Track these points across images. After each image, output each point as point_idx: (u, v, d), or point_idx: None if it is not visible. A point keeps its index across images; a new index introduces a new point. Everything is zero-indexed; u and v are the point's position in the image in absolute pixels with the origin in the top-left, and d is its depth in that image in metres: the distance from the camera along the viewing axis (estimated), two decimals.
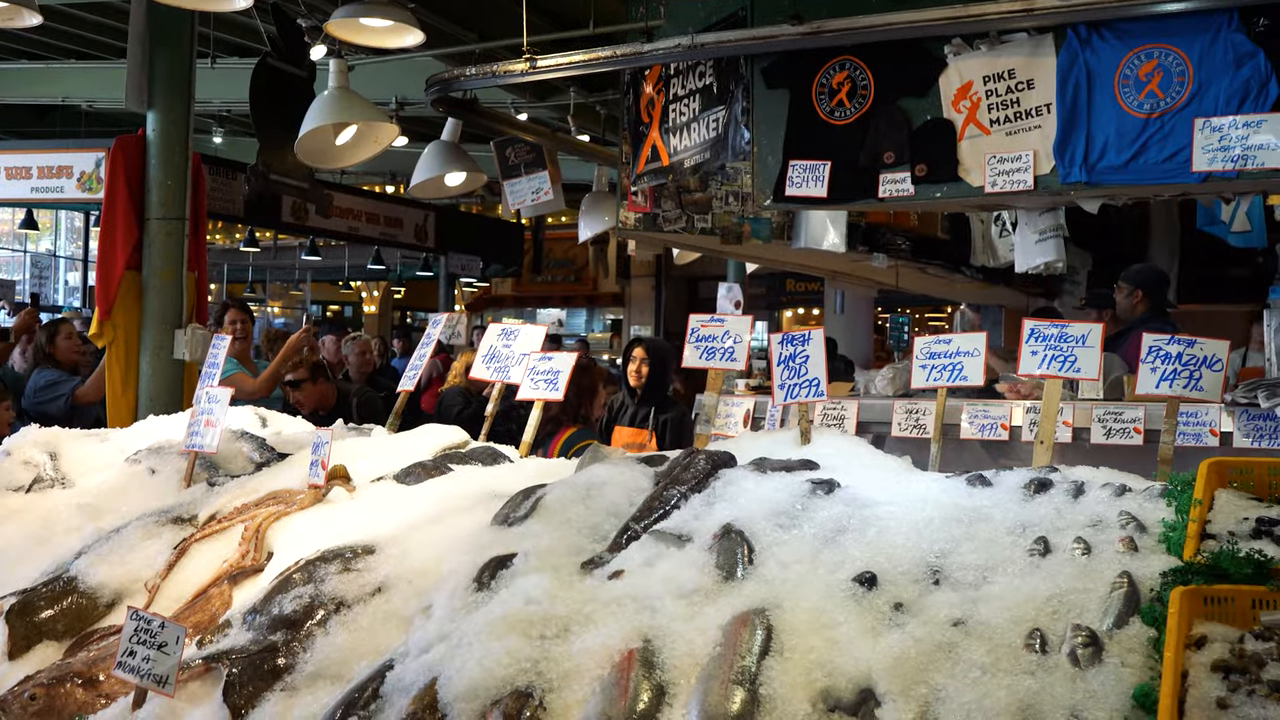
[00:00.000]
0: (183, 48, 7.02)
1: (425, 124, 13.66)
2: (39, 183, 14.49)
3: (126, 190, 6.84)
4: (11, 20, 6.12)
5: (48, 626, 3.39)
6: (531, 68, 6.45)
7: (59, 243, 24.10)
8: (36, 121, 16.81)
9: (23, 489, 4.47)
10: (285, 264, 24.80)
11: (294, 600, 2.87)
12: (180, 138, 6.94)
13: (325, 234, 18.27)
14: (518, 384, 4.32)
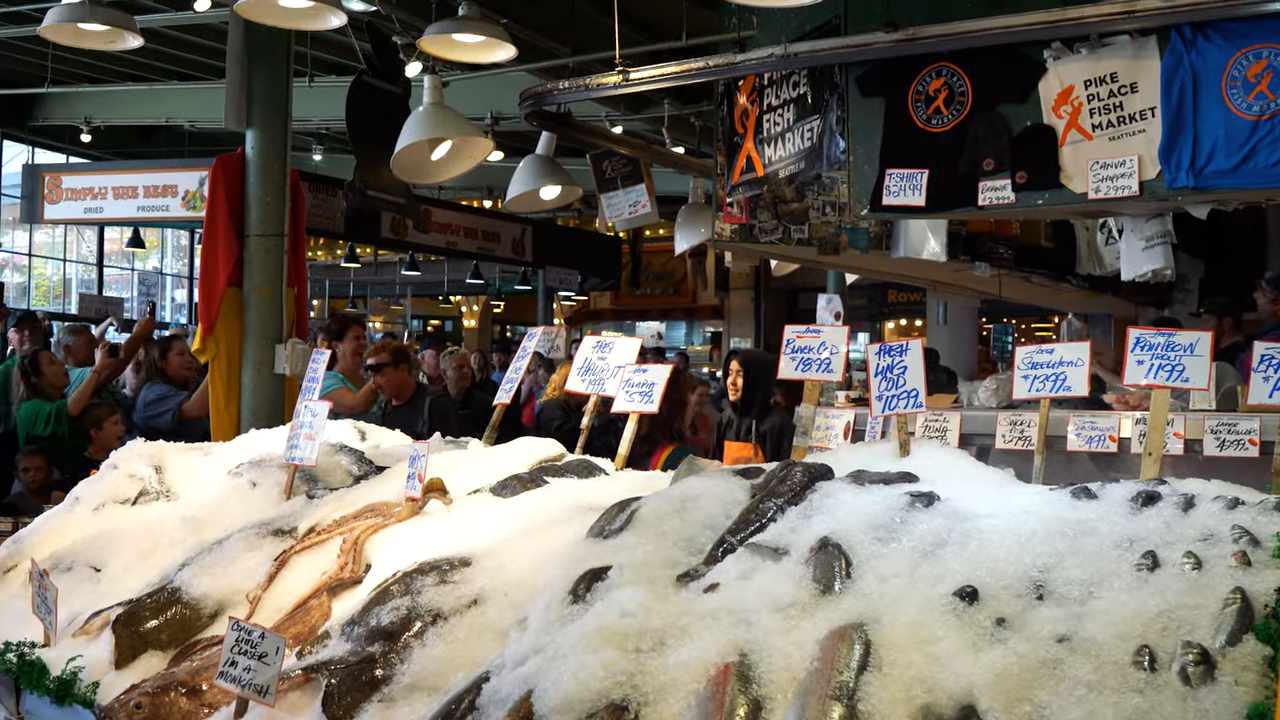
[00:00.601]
0: (280, 67, 7.18)
1: (520, 138, 13.80)
2: (145, 202, 14.91)
3: (227, 208, 7.00)
4: (114, 43, 6.32)
5: (153, 636, 3.46)
6: (624, 80, 6.48)
7: (165, 260, 24.73)
8: (142, 142, 17.29)
9: (129, 501, 4.59)
10: (386, 279, 25.17)
11: (391, 612, 2.90)
12: (278, 155, 7.08)
13: (424, 249, 18.52)
14: (613, 396, 4.34)
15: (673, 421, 6.30)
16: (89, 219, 16.10)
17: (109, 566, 4.08)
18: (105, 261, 20.94)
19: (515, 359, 4.90)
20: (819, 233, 6.57)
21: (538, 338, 5.00)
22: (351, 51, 10.64)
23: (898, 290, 20.64)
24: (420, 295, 26.86)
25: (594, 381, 4.46)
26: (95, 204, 15.33)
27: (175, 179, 14.83)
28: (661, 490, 3.19)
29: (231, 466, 4.63)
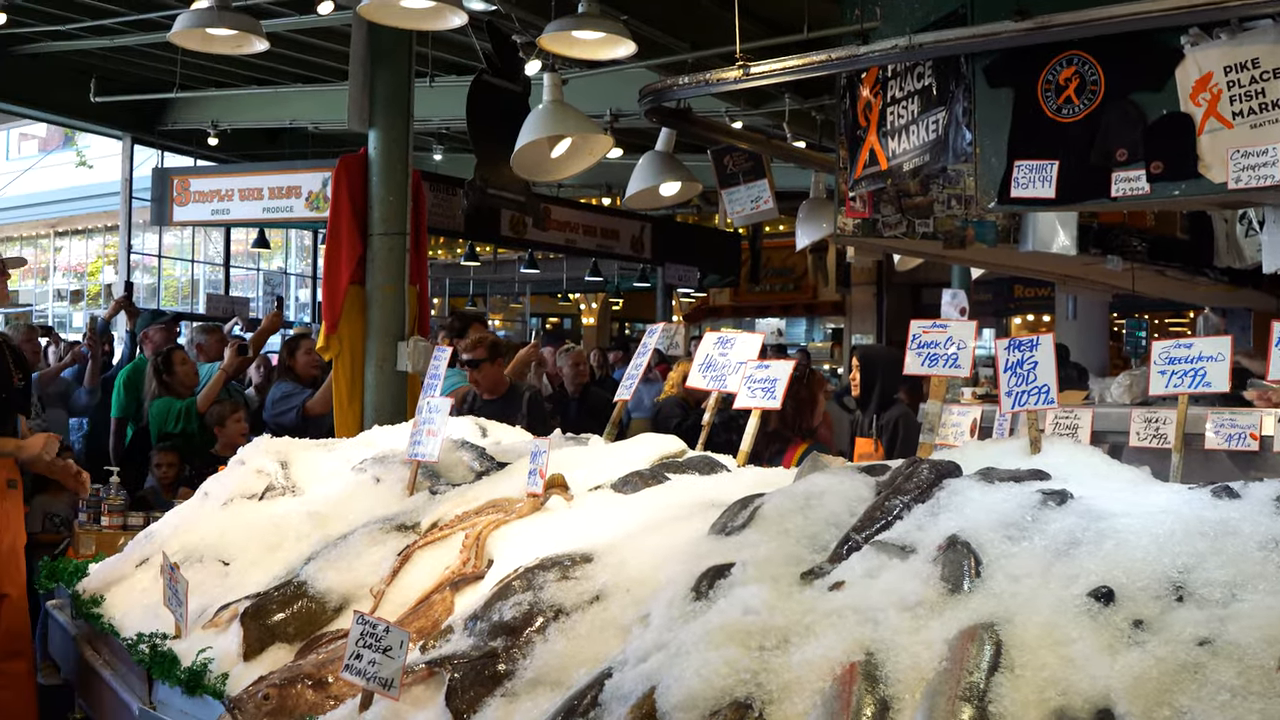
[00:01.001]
0: (402, 68, 7.29)
1: (639, 135, 13.83)
2: (270, 203, 15.25)
3: (350, 207, 7.13)
4: (240, 47, 6.48)
5: (279, 629, 3.55)
6: (745, 74, 6.45)
7: (289, 260, 25.27)
8: (267, 144, 17.66)
9: (256, 496, 4.71)
10: (505, 277, 25.41)
11: (514, 607, 2.93)
12: (400, 155, 7.19)
13: (543, 247, 18.66)
14: (734, 393, 4.32)
15: (802, 419, 6.24)
16: (216, 220, 16.52)
17: (237, 560, 4.19)
18: (231, 262, 21.45)
19: (636, 355, 4.91)
20: (944, 226, 6.47)
21: (658, 334, 5.01)
22: (471, 51, 10.77)
23: (1024, 285, 20.26)
24: (539, 293, 27.09)
25: (715, 378, 4.45)
26: (222, 206, 15.72)
27: (299, 180, 15.14)
28: (785, 487, 3.17)
29: (355, 462, 4.72)
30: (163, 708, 3.66)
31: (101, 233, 25.95)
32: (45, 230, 27.13)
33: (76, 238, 27.01)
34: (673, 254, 19.87)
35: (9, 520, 5.69)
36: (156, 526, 5.05)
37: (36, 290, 27.89)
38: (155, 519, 5.64)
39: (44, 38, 13.35)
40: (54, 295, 27.48)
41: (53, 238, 27.25)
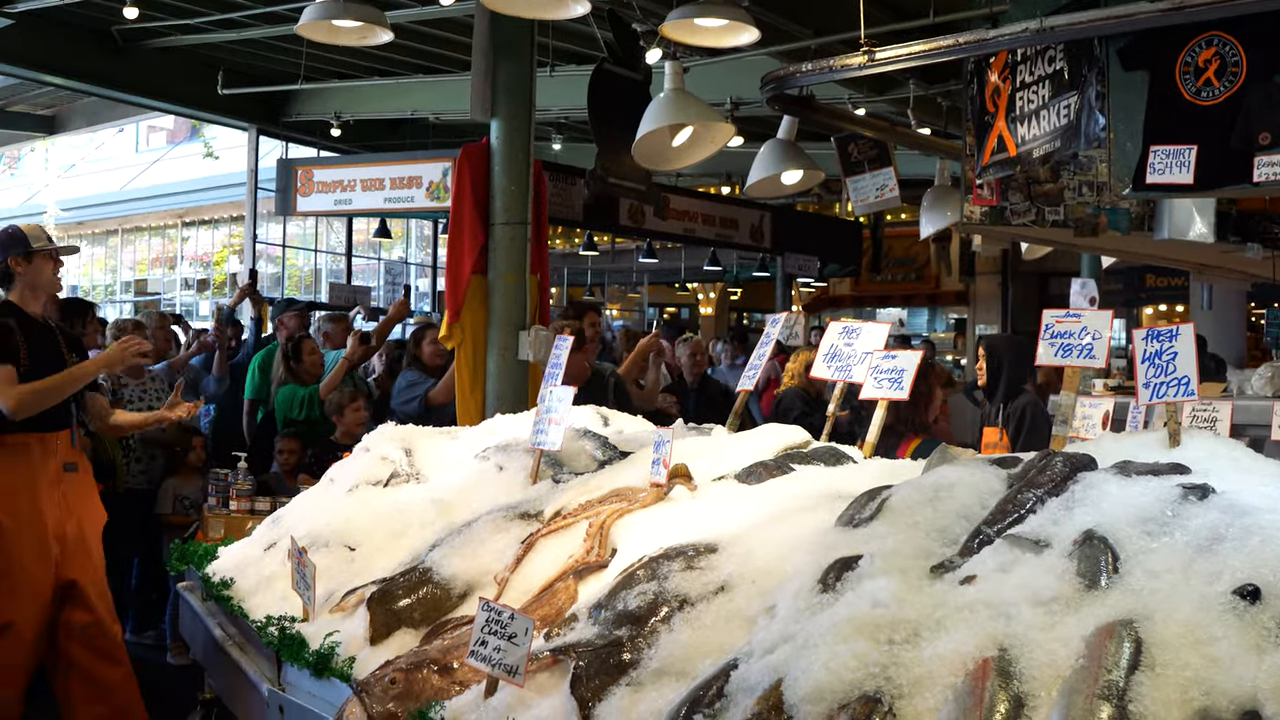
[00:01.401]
0: (524, 57, 7.33)
1: (760, 123, 13.77)
2: (391, 193, 15.49)
3: (472, 197, 7.20)
4: (365, 39, 6.59)
5: (405, 614, 3.60)
6: (870, 60, 6.39)
7: (410, 250, 25.63)
8: (389, 135, 17.91)
9: (381, 483, 4.79)
10: (623, 267, 25.46)
11: (638, 596, 2.94)
12: (522, 145, 7.24)
13: (662, 236, 18.66)
14: (859, 383, 4.29)
15: (917, 413, 6.18)
16: (338, 210, 16.80)
17: (363, 545, 4.27)
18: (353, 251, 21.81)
19: (759, 345, 4.90)
20: (1075, 214, 6.34)
21: (780, 324, 4.99)
22: (591, 40, 10.81)
23: (1157, 274, 19.77)
24: (657, 283, 27.07)
25: (840, 368, 4.42)
26: (344, 196, 16.01)
27: (420, 170, 15.35)
28: (913, 479, 3.14)
29: (478, 450, 4.78)
30: (291, 689, 3.75)
31: (227, 223, 26.56)
32: (173, 220, 27.85)
33: (203, 228, 27.68)
34: (793, 243, 19.74)
35: (70, 506, 5.75)
36: (283, 511, 5.18)
37: (165, 279, 28.66)
38: (281, 504, 5.77)
39: (173, 32, 13.70)
40: (181, 284, 28.20)
41: (180, 228, 27.96)
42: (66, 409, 5.82)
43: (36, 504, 5.60)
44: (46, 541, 5.60)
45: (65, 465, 5.76)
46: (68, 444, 5.81)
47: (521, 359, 7.10)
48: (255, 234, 17.47)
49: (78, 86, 15.28)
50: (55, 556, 5.63)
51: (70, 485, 5.78)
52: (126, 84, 14.83)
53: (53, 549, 5.62)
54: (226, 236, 27.23)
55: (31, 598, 5.56)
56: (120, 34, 13.68)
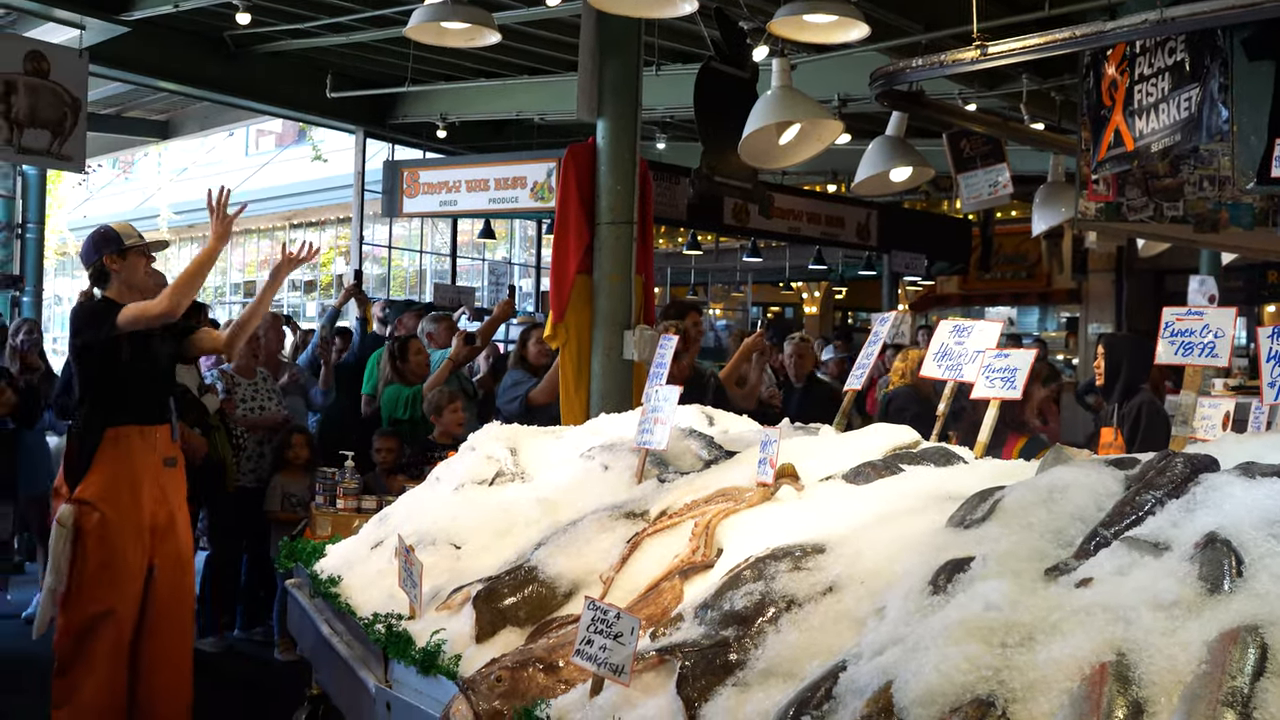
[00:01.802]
0: (630, 57, 7.35)
1: (866, 120, 13.67)
2: (496, 194, 15.64)
3: (578, 197, 7.24)
4: (473, 40, 6.65)
5: (511, 613, 3.63)
6: (982, 55, 6.31)
7: (514, 250, 25.84)
8: (494, 136, 18.07)
9: (486, 482, 4.84)
10: (726, 266, 25.42)
11: (745, 597, 2.94)
12: (629, 144, 7.27)
13: (767, 235, 18.60)
14: (970, 382, 4.24)
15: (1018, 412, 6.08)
16: (444, 212, 16.98)
17: (468, 544, 4.31)
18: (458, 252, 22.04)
19: (867, 344, 4.87)
20: (1195, 209, 6.20)
21: (889, 323, 4.96)
22: (697, 39, 10.82)
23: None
24: (761, 282, 26.99)
25: (951, 367, 4.38)
26: (449, 197, 16.19)
27: (524, 171, 15.48)
28: (1027, 480, 3.09)
29: (583, 450, 4.80)
30: (398, 686, 3.79)
31: (334, 224, 26.98)
32: (281, 223, 28.35)
33: (310, 230, 28.12)
34: (900, 241, 19.57)
35: (164, 495, 5.97)
36: (390, 509, 5.25)
37: None
38: (388, 502, 5.85)
39: (283, 36, 13.96)
40: (289, 285, 28.68)
41: (288, 230, 28.44)
42: (166, 404, 6.08)
43: (137, 496, 5.84)
44: (143, 532, 5.85)
45: (165, 460, 5.99)
46: (168, 439, 6.04)
47: (626, 358, 7.13)
48: (362, 235, 17.71)
49: (191, 92, 15.64)
50: (148, 545, 5.88)
51: (168, 479, 6.02)
52: (237, 89, 15.14)
53: (145, 538, 5.86)
54: (333, 238, 27.64)
55: (130, 584, 5.82)
56: (232, 39, 13.98)
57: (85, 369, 5.97)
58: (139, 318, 5.77)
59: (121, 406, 5.88)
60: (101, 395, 5.90)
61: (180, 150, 30.56)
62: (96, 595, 5.74)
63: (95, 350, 5.90)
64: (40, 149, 11.56)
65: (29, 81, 11.40)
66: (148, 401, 5.98)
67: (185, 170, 32.85)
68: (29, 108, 11.36)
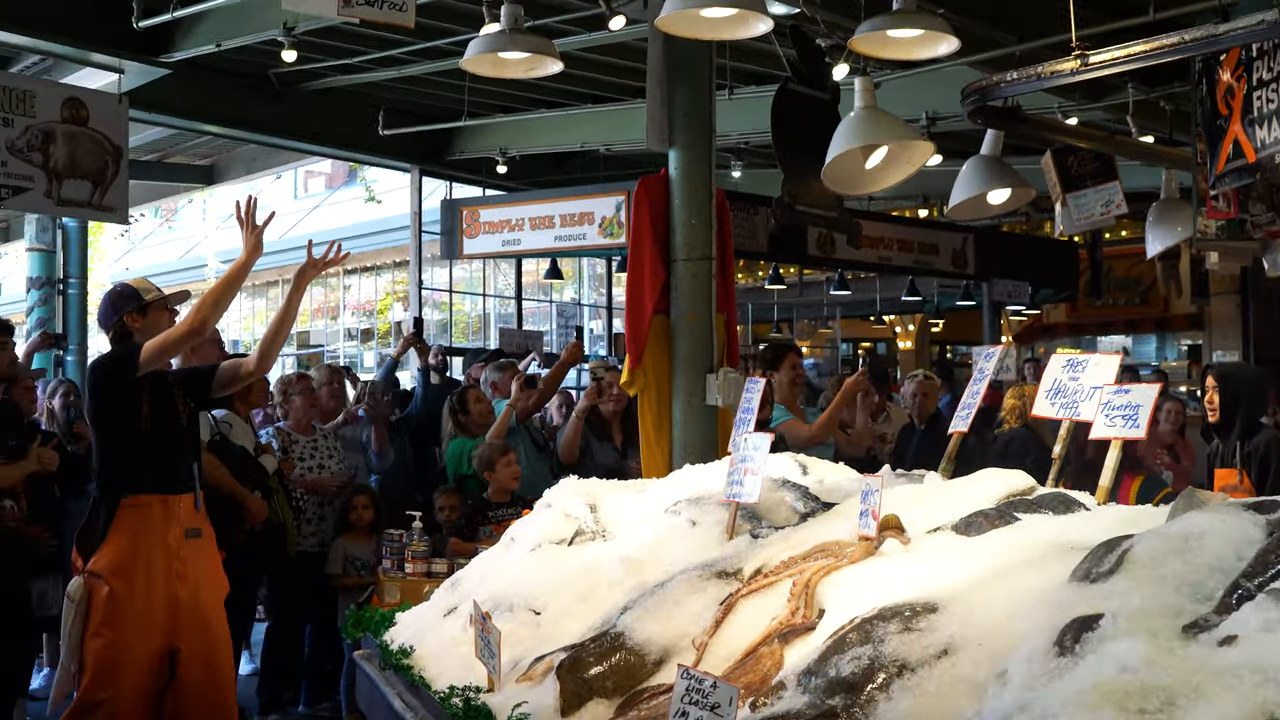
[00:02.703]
0: (702, 81, 7.40)
1: (958, 139, 13.61)
2: (561, 231, 15.70)
3: (651, 232, 7.27)
4: (533, 70, 6.71)
5: (597, 684, 3.62)
6: (1083, 65, 6.28)
7: (582, 290, 25.94)
8: (557, 170, 18.19)
9: (565, 542, 4.85)
10: (812, 300, 25.37)
11: (852, 662, 2.91)
12: (703, 175, 7.29)
13: (855, 266, 18.54)
14: (1088, 421, 4.19)
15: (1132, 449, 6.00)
16: (507, 252, 17.06)
17: (548, 609, 4.32)
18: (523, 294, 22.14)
19: (971, 382, 4.83)
20: None
21: (995, 358, 4.92)
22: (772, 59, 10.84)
23: None
24: (850, 316, 26.88)
25: (1066, 405, 4.33)
26: (513, 236, 16.27)
27: (591, 206, 15.52)
28: (1157, 528, 3.05)
29: (667, 504, 4.79)
30: None
31: (390, 269, 27.23)
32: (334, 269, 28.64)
33: (365, 275, 28.41)
34: (1000, 268, 19.38)
35: (186, 573, 5.90)
36: (463, 573, 5.28)
37: (327, 330, 29.53)
38: (459, 565, 5.89)
39: (331, 73, 14.17)
40: (344, 335, 29.00)
41: (341, 276, 28.75)
42: (190, 471, 6.04)
43: (150, 570, 5.80)
44: (155, 611, 5.80)
45: (188, 531, 5.95)
46: (191, 508, 6.00)
47: (709, 404, 7.12)
48: (420, 279, 17.84)
49: (236, 134, 15.91)
50: (163, 624, 5.82)
51: (190, 551, 5.96)
52: (285, 129, 15.38)
53: (159, 616, 5.81)
54: (390, 283, 27.91)
55: (131, 671, 5.75)
56: (277, 78, 14.20)
57: (102, 433, 6.00)
58: (164, 346, 5.80)
59: (140, 473, 5.88)
60: (119, 461, 5.91)
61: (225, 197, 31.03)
62: (98, 681, 5.71)
63: (113, 411, 5.92)
64: (81, 200, 11.76)
65: (67, 130, 11.61)
66: (169, 468, 5.96)
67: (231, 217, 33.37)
68: (68, 157, 11.56)
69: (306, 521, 8.60)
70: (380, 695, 4.78)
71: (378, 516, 8.55)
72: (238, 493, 7.51)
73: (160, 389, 5.98)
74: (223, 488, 7.30)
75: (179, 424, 6.05)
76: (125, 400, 5.87)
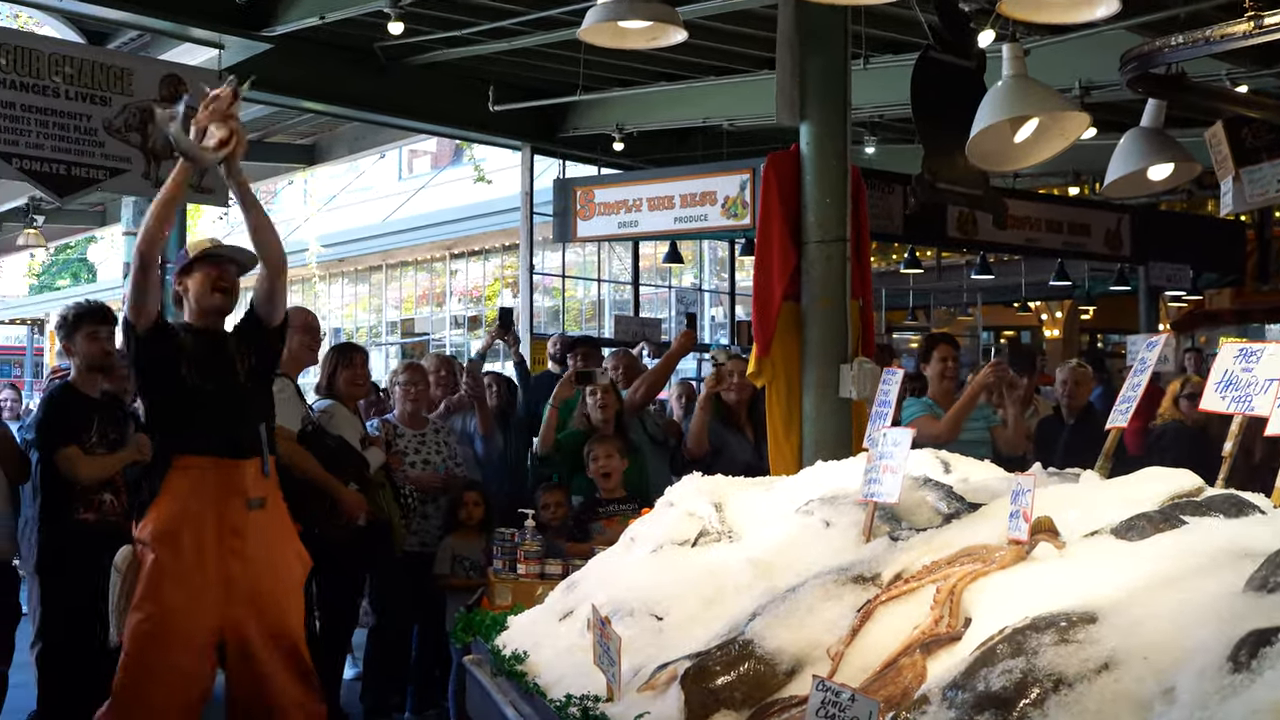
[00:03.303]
0: (837, 50, 7.34)
1: (1114, 110, 13.36)
2: (682, 212, 15.66)
3: (781, 213, 7.23)
4: (655, 39, 6.68)
5: (725, 694, 3.61)
6: (1257, 28, 6.12)
7: (702, 275, 25.91)
8: (677, 147, 18.10)
9: (688, 543, 4.85)
10: (950, 286, 25.11)
11: (1002, 675, 2.88)
12: (837, 150, 7.24)
13: (998, 248, 18.30)
14: (1264, 416, 4.10)
15: None
16: (623, 234, 17.04)
17: (671, 614, 4.32)
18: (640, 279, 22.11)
19: (1132, 374, 4.75)
20: None
21: (1158, 347, 4.82)
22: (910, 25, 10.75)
23: None
24: (992, 302, 26.53)
25: (1238, 399, 4.23)
26: (629, 217, 16.26)
27: (713, 185, 15.45)
28: None
29: (798, 503, 4.77)
30: None
31: (499, 253, 27.44)
32: (440, 252, 28.93)
33: (473, 259, 28.65)
34: (1159, 250, 18.99)
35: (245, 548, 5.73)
36: (578, 576, 5.30)
37: (432, 317, 29.84)
38: (575, 567, 5.91)
39: (438, 46, 14.27)
40: (450, 322, 29.28)
41: (448, 260, 29.03)
42: (255, 435, 5.89)
43: (200, 539, 5.64)
44: (202, 586, 5.63)
45: (249, 501, 5.76)
46: (257, 474, 5.83)
47: (843, 397, 7.08)
48: (531, 264, 17.91)
49: (339, 111, 16.12)
50: (212, 604, 5.66)
51: (254, 524, 5.78)
52: (389, 106, 15.52)
53: (209, 594, 5.65)
54: (498, 268, 28.12)
55: (181, 644, 5.61)
56: (383, 51, 14.33)
57: (145, 393, 6.04)
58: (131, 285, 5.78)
59: (189, 433, 5.74)
60: (164, 418, 5.84)
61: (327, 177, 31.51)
62: (134, 670, 5.59)
63: (146, 370, 5.90)
64: None
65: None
66: (225, 428, 5.78)
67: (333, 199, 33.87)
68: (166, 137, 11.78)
69: (416, 518, 8.67)
70: (492, 703, 4.82)
71: (488, 514, 8.60)
72: (329, 484, 7.58)
73: (210, 344, 5.94)
74: (313, 479, 7.39)
75: (235, 380, 5.92)
76: (151, 356, 5.82)
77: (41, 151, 11.15)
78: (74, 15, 12.60)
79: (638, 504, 7.74)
